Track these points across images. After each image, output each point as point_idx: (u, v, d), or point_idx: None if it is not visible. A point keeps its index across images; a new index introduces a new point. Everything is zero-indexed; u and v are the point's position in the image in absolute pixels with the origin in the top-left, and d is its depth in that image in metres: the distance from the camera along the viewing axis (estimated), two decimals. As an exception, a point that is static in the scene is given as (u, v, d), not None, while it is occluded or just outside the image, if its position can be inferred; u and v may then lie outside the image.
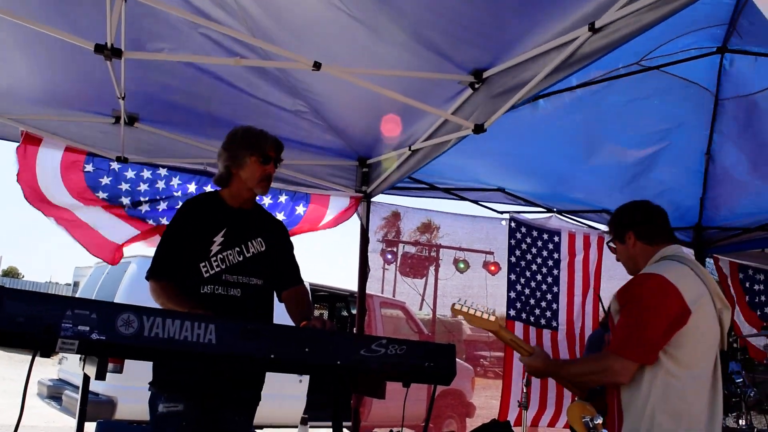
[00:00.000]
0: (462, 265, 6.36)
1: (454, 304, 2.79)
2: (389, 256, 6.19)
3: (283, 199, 4.84)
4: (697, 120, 5.11)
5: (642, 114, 4.87)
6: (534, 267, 5.67)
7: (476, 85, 3.48)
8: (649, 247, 2.56)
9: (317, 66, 3.10)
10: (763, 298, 6.79)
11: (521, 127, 4.73)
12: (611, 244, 2.78)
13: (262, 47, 3.32)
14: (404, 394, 2.62)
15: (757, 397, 4.23)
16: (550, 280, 5.73)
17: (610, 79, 4.36)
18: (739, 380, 4.24)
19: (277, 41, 3.33)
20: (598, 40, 2.71)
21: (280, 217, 4.79)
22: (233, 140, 2.89)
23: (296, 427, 6.20)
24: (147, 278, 2.79)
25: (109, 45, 2.95)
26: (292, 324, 2.82)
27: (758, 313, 6.76)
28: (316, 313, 10.19)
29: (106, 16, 2.79)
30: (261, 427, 7.78)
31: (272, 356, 2.28)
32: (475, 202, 5.67)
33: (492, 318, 2.71)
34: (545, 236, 5.77)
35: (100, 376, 1.97)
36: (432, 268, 6.90)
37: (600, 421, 1.61)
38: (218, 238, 2.84)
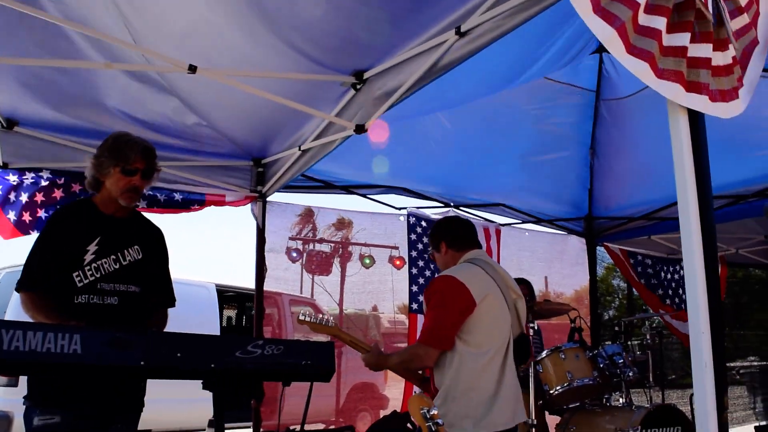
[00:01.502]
0: (368, 261, 6.42)
1: (298, 317, 3.23)
2: (294, 255, 6.19)
3: (179, 198, 4.77)
4: (582, 118, 5.42)
5: (532, 112, 5.12)
6: (438, 261, 5.79)
7: (358, 86, 3.54)
8: (457, 254, 3.04)
9: (192, 69, 3.08)
10: (655, 280, 7.21)
11: (413, 126, 4.87)
12: (431, 253, 3.23)
13: (143, 53, 3.26)
14: (326, 389, 3.02)
15: (636, 376, 4.51)
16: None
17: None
18: (619, 361, 4.50)
19: (156, 47, 3.27)
20: (465, 45, 2.84)
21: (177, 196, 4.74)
22: (102, 148, 2.83)
23: (204, 430, 6.15)
24: (17, 290, 2.72)
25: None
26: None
27: (658, 292, 7.17)
28: (227, 314, 10.10)
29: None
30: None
31: (142, 363, 2.27)
32: (371, 198, 5.74)
33: (331, 324, 3.17)
34: (445, 230, 5.90)
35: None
36: (337, 265, 6.93)
37: (435, 411, 1.71)
38: (92, 247, 2.78)
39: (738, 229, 6.47)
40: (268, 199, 5.12)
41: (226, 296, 9.18)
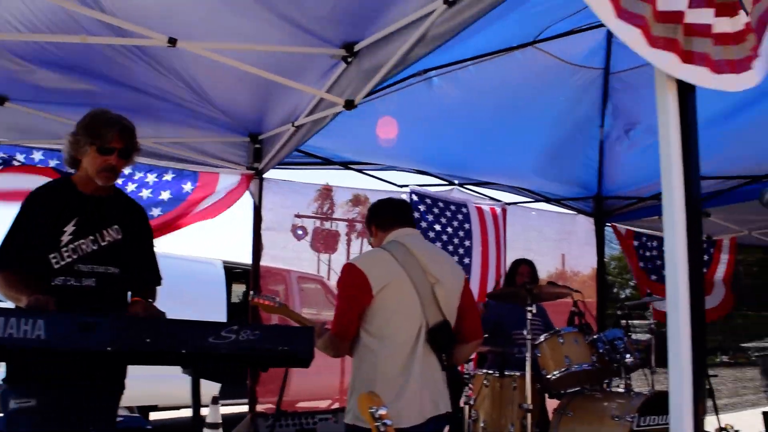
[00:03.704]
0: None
1: (251, 298, 3.16)
2: (300, 232, 6.12)
3: (169, 177, 4.68)
4: (590, 95, 5.22)
5: (538, 91, 4.94)
6: (445, 238, 5.67)
7: (349, 59, 3.41)
8: (384, 234, 2.91)
9: (172, 42, 2.97)
10: (658, 262, 7.05)
11: (416, 104, 4.72)
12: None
13: (120, 26, 3.14)
14: (329, 368, 2.95)
15: (636, 361, 4.39)
16: (461, 251, 5.76)
17: (499, 52, 4.38)
18: (620, 346, 4.39)
19: (138, 20, 3.15)
20: (454, 15, 2.69)
21: (165, 195, 4.65)
22: (79, 125, 2.74)
23: (207, 406, 6.15)
24: None
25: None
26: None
27: (651, 277, 7.02)
28: (236, 291, 10.08)
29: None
30: (177, 408, 7.70)
31: (109, 348, 2.21)
32: (372, 175, 5.63)
33: (278, 304, 3.09)
34: (452, 207, 5.78)
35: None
36: (344, 242, 6.86)
37: (384, 411, 1.61)
38: (69, 228, 2.70)
39: (751, 210, 6.28)
40: (265, 176, 5.04)
41: (235, 273, 9.14)
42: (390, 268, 2.69)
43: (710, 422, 6.39)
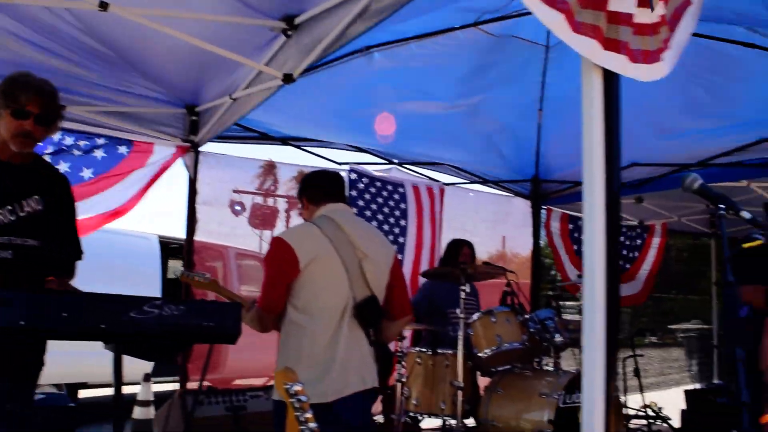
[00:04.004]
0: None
1: (181, 275, 3.11)
2: (237, 208, 6.02)
3: (100, 145, 4.52)
4: (530, 75, 5.25)
5: (477, 70, 4.94)
6: (381, 217, 5.67)
7: (289, 33, 3.34)
8: (315, 208, 2.88)
9: (104, 6, 2.84)
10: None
11: (358, 80, 4.68)
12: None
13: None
14: (265, 344, 2.89)
15: (564, 341, 4.51)
16: (396, 230, 5.78)
17: (443, 33, 4.37)
18: (551, 325, 4.50)
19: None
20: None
21: (98, 153, 4.49)
22: None
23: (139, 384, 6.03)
24: None
25: None
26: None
27: (586, 261, 7.18)
28: (172, 267, 9.86)
29: None
30: (109, 386, 7.52)
31: (22, 323, 2.12)
32: (311, 152, 5.57)
33: (207, 279, 3.04)
34: (389, 187, 5.78)
35: None
36: (283, 219, 6.78)
37: (300, 387, 1.60)
38: None
39: (681, 197, 6.50)
40: (203, 149, 4.92)
41: (172, 248, 8.94)
42: (318, 242, 2.68)
43: (636, 400, 6.66)
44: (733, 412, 1.95)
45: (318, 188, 2.92)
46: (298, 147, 5.57)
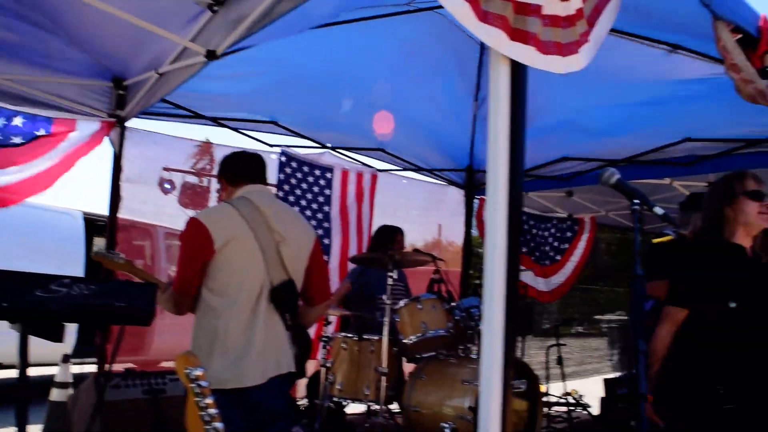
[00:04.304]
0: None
1: (94, 254, 3.01)
2: (167, 186, 5.87)
3: (19, 121, 4.32)
4: (468, 64, 5.27)
5: (414, 57, 4.93)
6: (304, 203, 5.63)
7: (215, 8, 3.25)
8: (233, 189, 2.83)
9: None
10: (527, 237, 7.38)
11: (293, 60, 4.61)
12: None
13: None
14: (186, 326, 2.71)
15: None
16: (320, 216, 5.74)
17: (378, 18, 4.34)
18: (476, 313, 4.56)
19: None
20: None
21: (16, 140, 4.30)
22: None
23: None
24: None
25: None
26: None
27: (524, 251, 7.33)
28: (97, 245, 9.56)
29: None
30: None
31: None
32: (241, 131, 5.46)
33: (121, 260, 2.93)
34: (317, 172, 5.73)
35: None
36: (215, 200, 6.65)
37: (201, 372, 1.57)
38: None
39: (609, 192, 6.67)
40: (133, 126, 4.78)
41: (98, 225, 8.65)
42: (234, 223, 2.62)
43: (558, 388, 6.85)
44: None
45: (237, 168, 2.86)
46: (232, 128, 5.45)
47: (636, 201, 1.88)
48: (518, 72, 1.57)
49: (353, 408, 5.28)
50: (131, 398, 3.86)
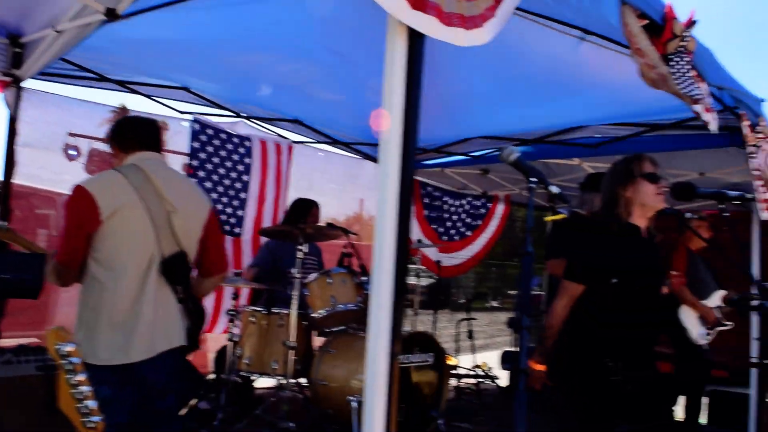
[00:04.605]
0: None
1: None
2: (72, 152, 5.58)
3: None
4: (382, 37, 5.20)
5: (329, 28, 4.83)
6: (222, 171, 5.47)
7: (117, -36, 3.08)
8: (124, 155, 2.73)
9: None
10: (437, 213, 7.47)
11: (204, 23, 4.43)
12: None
13: None
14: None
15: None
16: (239, 185, 5.61)
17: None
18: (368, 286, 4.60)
19: None
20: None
21: None
22: None
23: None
24: None
25: None
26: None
27: (433, 226, 7.43)
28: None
29: None
30: None
31: None
32: (149, 96, 5.24)
33: (5, 229, 2.79)
34: (235, 140, 5.57)
35: None
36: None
37: (72, 347, 1.50)
38: None
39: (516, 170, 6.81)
40: (26, 86, 4.48)
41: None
42: (122, 192, 2.52)
43: (468, 360, 7.03)
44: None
45: (128, 134, 2.75)
46: (144, 94, 5.21)
47: (532, 179, 1.90)
48: (416, 43, 1.55)
49: (264, 382, 5.25)
50: (23, 375, 3.67)
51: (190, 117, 5.38)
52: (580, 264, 2.76)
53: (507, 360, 7.20)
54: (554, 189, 1.93)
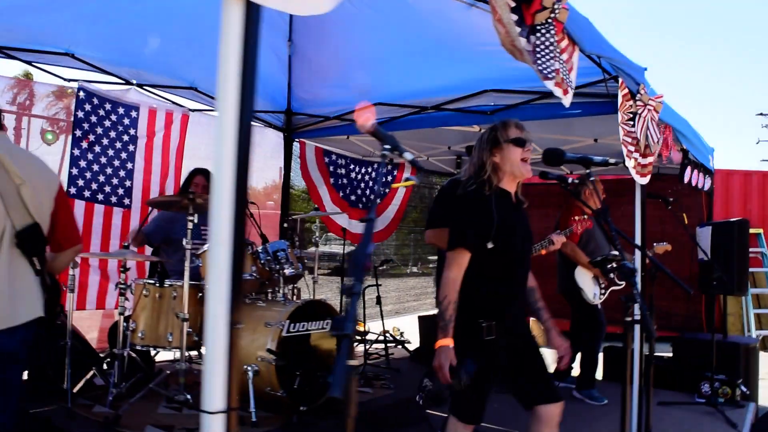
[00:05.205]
0: (50, 137, 5.71)
1: None
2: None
3: None
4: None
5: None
6: (105, 142, 5.28)
7: None
8: None
9: None
10: (344, 180, 7.49)
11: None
12: None
13: None
14: None
15: (295, 272, 4.66)
16: (124, 156, 5.43)
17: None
18: (282, 257, 4.60)
19: None
20: None
21: None
22: None
23: None
24: None
25: None
26: None
27: (341, 193, 7.45)
28: None
29: None
30: None
31: None
32: (34, 65, 4.96)
33: None
34: (121, 110, 5.38)
35: None
36: (23, 140, 6.06)
37: None
38: None
39: (426, 137, 6.90)
40: None
41: None
42: None
43: (377, 326, 7.14)
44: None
45: None
46: (25, 60, 4.91)
47: (386, 146, 1.92)
48: (252, 12, 1.53)
49: (165, 355, 5.18)
50: None
51: (75, 84, 5.14)
52: (457, 231, 2.81)
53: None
54: (408, 156, 1.95)
